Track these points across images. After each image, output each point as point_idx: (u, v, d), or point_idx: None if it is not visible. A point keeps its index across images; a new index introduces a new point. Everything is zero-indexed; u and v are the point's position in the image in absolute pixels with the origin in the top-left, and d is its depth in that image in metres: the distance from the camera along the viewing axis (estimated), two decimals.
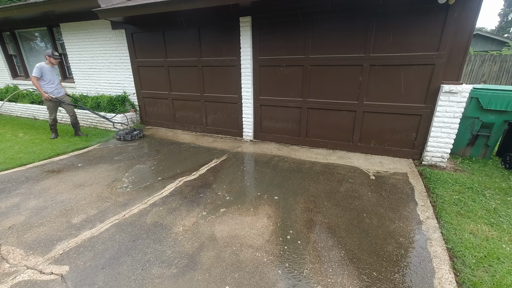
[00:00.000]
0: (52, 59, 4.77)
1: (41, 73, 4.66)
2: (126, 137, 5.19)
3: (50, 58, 4.74)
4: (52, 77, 4.87)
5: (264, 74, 4.66)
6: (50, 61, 4.77)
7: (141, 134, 5.46)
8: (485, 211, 2.69)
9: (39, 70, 4.64)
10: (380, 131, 4.14)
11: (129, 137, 5.20)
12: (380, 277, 1.91)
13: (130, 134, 5.23)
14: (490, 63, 9.81)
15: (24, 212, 2.78)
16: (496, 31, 32.73)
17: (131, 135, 5.23)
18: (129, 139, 5.21)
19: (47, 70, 4.74)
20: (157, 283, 1.86)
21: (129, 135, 5.20)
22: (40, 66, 4.66)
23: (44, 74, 4.69)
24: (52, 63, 4.81)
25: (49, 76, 4.79)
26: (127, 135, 5.19)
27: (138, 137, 5.38)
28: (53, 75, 4.88)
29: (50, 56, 4.73)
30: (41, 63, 4.71)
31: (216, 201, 2.96)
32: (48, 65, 4.77)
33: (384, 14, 3.59)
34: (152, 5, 4.20)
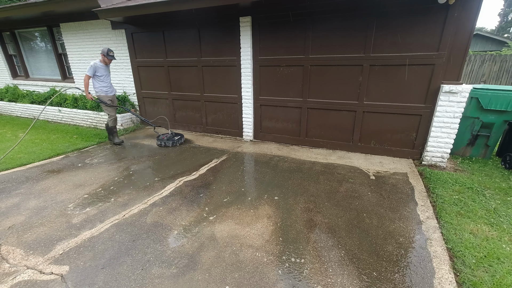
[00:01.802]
0: (106, 59, 4.54)
1: (94, 71, 4.48)
2: (167, 143, 4.78)
3: (105, 58, 4.52)
4: (106, 76, 4.67)
5: (264, 74, 4.66)
6: (104, 60, 4.55)
7: (182, 140, 5.01)
8: (485, 211, 2.69)
9: (92, 68, 4.46)
10: (380, 131, 4.14)
11: (170, 143, 4.79)
12: (380, 277, 1.91)
13: (172, 140, 4.82)
14: (490, 63, 9.81)
15: (24, 212, 2.78)
16: (496, 31, 32.72)
17: (172, 141, 4.81)
18: (170, 146, 4.79)
19: (101, 68, 4.55)
20: (157, 283, 1.86)
21: (170, 141, 4.79)
22: (94, 65, 4.47)
23: (97, 70, 4.51)
24: (105, 62, 4.59)
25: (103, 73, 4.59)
26: (168, 141, 4.78)
27: (179, 143, 4.92)
28: (106, 74, 4.68)
29: (105, 55, 4.49)
30: (95, 61, 4.52)
31: (216, 201, 2.96)
32: (102, 63, 4.56)
33: (384, 14, 3.59)
34: (152, 5, 4.20)
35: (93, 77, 4.53)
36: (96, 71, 4.51)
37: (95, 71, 4.50)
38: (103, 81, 4.61)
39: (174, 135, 5.05)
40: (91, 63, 4.46)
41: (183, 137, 5.07)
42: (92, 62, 4.47)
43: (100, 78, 4.57)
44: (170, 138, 4.88)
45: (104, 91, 4.66)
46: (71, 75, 6.98)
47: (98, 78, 4.56)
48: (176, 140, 4.83)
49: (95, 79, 4.56)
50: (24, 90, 7.69)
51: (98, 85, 4.60)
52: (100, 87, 4.62)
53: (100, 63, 4.54)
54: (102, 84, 4.61)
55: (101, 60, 4.55)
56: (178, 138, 4.93)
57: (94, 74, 4.51)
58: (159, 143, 4.83)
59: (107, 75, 4.69)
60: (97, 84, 4.60)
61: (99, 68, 4.53)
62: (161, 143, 4.81)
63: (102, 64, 4.56)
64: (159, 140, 4.84)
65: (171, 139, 4.84)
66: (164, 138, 4.85)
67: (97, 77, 4.56)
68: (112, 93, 4.82)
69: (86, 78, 4.47)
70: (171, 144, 4.78)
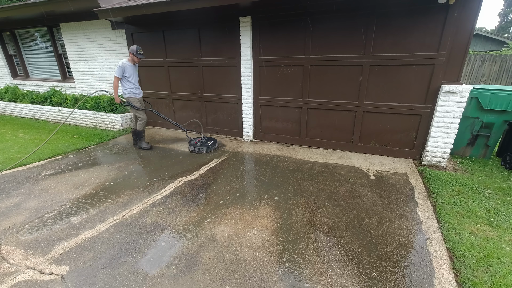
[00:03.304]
0: (135, 58, 4.24)
1: (122, 72, 4.21)
2: (201, 149, 4.44)
3: (133, 56, 4.22)
4: (134, 76, 4.39)
5: (264, 74, 4.66)
6: (133, 59, 4.25)
7: (216, 145, 4.66)
8: (485, 211, 2.69)
9: (120, 69, 4.18)
10: (380, 131, 4.14)
11: (204, 149, 4.45)
12: (380, 277, 1.91)
13: (205, 145, 4.49)
14: (490, 63, 9.81)
15: (24, 212, 2.78)
16: (496, 31, 32.72)
17: (206, 147, 4.47)
18: (204, 152, 4.45)
19: (129, 67, 4.26)
20: (157, 283, 1.86)
21: (204, 147, 4.45)
22: (122, 65, 4.18)
23: (125, 70, 4.23)
24: (134, 61, 4.29)
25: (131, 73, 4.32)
26: (202, 147, 4.45)
27: (213, 149, 4.57)
28: (134, 74, 4.41)
29: (134, 53, 4.18)
30: (123, 61, 4.23)
31: (216, 201, 2.96)
32: (130, 63, 4.29)
33: (384, 14, 3.59)
34: (153, 5, 4.20)
35: (121, 78, 4.28)
36: (125, 71, 4.23)
37: (124, 71, 4.23)
38: (131, 82, 4.34)
39: (207, 139, 4.71)
40: (119, 63, 4.19)
41: (217, 142, 4.74)
42: (120, 62, 4.21)
43: (128, 78, 4.30)
44: (204, 143, 4.55)
45: (133, 92, 4.41)
46: (71, 75, 6.98)
47: (127, 78, 4.30)
48: (210, 146, 4.50)
49: (123, 80, 4.30)
50: (24, 90, 7.69)
51: (127, 86, 4.35)
52: (129, 88, 4.36)
53: (128, 62, 4.26)
54: (130, 85, 4.35)
55: (129, 59, 4.28)
56: (212, 143, 4.60)
57: (122, 75, 4.25)
58: (192, 149, 4.50)
59: (135, 75, 4.42)
60: (126, 85, 4.34)
61: (127, 68, 4.24)
62: (194, 149, 4.47)
63: (131, 63, 4.29)
64: (192, 145, 4.51)
65: (205, 144, 4.52)
66: (197, 143, 4.54)
67: (125, 78, 4.29)
68: (141, 95, 4.59)
69: (115, 80, 4.24)
70: (206, 150, 4.44)
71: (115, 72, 4.21)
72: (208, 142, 4.60)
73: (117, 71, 4.18)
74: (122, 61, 4.22)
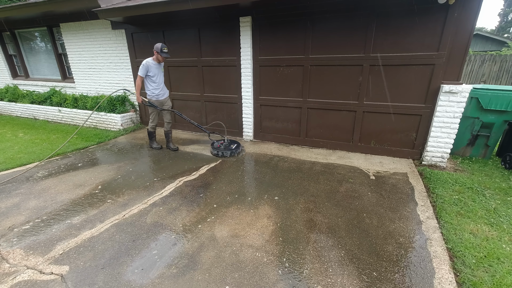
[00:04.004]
0: (159, 56, 4.01)
1: (146, 71, 4.02)
2: (225, 153, 4.22)
3: (158, 55, 3.99)
4: (158, 76, 4.19)
5: (264, 74, 4.66)
6: (157, 57, 4.03)
7: (239, 149, 4.39)
8: (485, 211, 2.69)
9: (144, 68, 3.99)
10: (380, 131, 4.14)
11: (228, 153, 4.23)
12: (380, 277, 1.91)
13: (229, 149, 4.27)
14: (490, 63, 9.81)
15: (24, 212, 2.78)
16: (496, 31, 32.72)
17: (230, 151, 4.24)
18: (228, 155, 4.23)
19: (153, 67, 4.07)
20: (157, 283, 1.86)
21: (228, 150, 4.23)
22: (146, 64, 3.99)
23: (149, 70, 4.03)
24: (159, 60, 4.08)
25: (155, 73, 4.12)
26: (226, 150, 4.23)
27: (237, 153, 4.31)
28: (159, 73, 4.20)
29: (158, 52, 3.95)
30: (147, 60, 4.03)
31: (216, 201, 2.96)
32: (155, 62, 4.08)
33: (384, 14, 3.59)
34: (152, 5, 4.20)
35: (145, 78, 4.09)
36: (149, 70, 4.03)
37: (148, 71, 4.04)
38: (155, 82, 4.15)
39: (230, 142, 4.52)
40: (143, 62, 4.00)
41: (240, 146, 4.49)
42: (144, 61, 4.01)
43: (152, 78, 4.10)
44: (227, 147, 4.35)
45: (155, 94, 4.21)
46: (71, 75, 6.98)
47: (150, 78, 4.10)
48: (233, 150, 4.27)
49: (147, 80, 4.11)
50: (24, 90, 7.69)
51: (150, 87, 4.15)
52: (152, 89, 4.17)
53: (152, 61, 4.06)
54: (154, 85, 4.16)
55: (154, 58, 4.06)
56: (235, 146, 4.38)
57: (146, 75, 4.06)
58: (215, 153, 4.28)
59: (160, 75, 4.21)
60: (149, 85, 4.14)
61: (152, 67, 4.04)
62: (217, 153, 4.25)
63: (155, 62, 4.09)
64: (215, 148, 4.30)
65: (228, 148, 4.31)
66: (220, 146, 4.33)
67: (149, 78, 4.09)
68: (164, 96, 4.36)
69: (139, 79, 4.05)
70: (229, 154, 4.23)
71: (138, 71, 4.04)
72: (231, 146, 4.40)
73: (141, 70, 4.01)
74: (147, 60, 4.04)
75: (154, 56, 4.05)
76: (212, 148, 4.40)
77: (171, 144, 4.64)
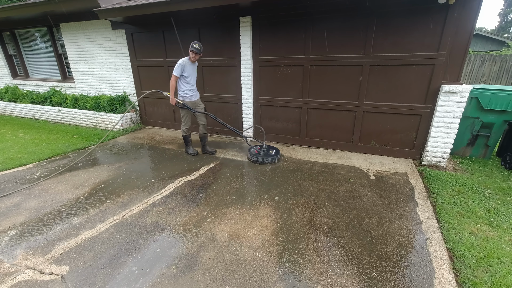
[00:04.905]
0: (191, 53, 3.77)
1: (182, 70, 3.80)
2: (265, 160, 3.94)
3: (191, 52, 3.78)
4: (192, 76, 3.99)
5: (264, 74, 4.66)
6: (191, 55, 3.81)
7: (279, 155, 4.12)
8: (485, 211, 2.69)
9: (180, 67, 3.78)
10: (380, 131, 4.14)
11: (269, 159, 3.95)
12: (380, 277, 1.91)
13: (270, 156, 3.99)
14: (490, 63, 9.81)
15: (24, 212, 2.78)
16: (496, 31, 32.72)
17: (271, 158, 3.96)
18: (269, 162, 3.96)
19: (189, 66, 3.86)
20: (157, 283, 1.86)
21: (268, 157, 3.95)
22: (182, 63, 3.78)
23: (185, 69, 3.83)
24: (193, 58, 3.84)
25: (190, 73, 3.91)
26: (267, 157, 3.95)
27: (277, 159, 4.06)
28: (193, 74, 4.01)
29: (191, 48, 3.76)
30: (183, 59, 3.81)
31: (216, 201, 2.96)
32: (190, 61, 3.87)
33: (384, 14, 3.59)
34: (152, 5, 4.20)
35: (179, 78, 3.88)
36: (184, 70, 3.83)
37: (183, 71, 3.83)
38: (189, 83, 3.94)
39: (268, 148, 4.26)
40: (179, 61, 3.79)
41: (279, 152, 4.21)
42: (180, 60, 3.81)
43: (186, 79, 3.89)
44: (266, 153, 4.08)
45: (189, 95, 4.00)
46: (71, 75, 6.98)
47: (185, 79, 3.89)
48: (274, 156, 4.01)
49: (180, 81, 3.91)
50: (24, 90, 7.69)
51: (184, 88, 3.94)
52: (186, 90, 3.96)
53: (188, 61, 3.86)
54: (188, 86, 3.95)
55: (190, 57, 3.86)
56: (275, 152, 4.13)
57: (181, 75, 3.85)
58: (254, 159, 4.00)
59: (193, 76, 4.01)
60: (183, 86, 3.93)
61: (187, 67, 3.84)
62: (257, 159, 3.97)
63: (190, 62, 3.88)
64: (253, 155, 4.03)
65: (268, 154, 4.04)
66: (258, 152, 4.08)
67: (182, 78, 3.88)
68: (197, 97, 4.17)
69: (173, 79, 3.83)
70: (270, 161, 3.96)
71: (174, 70, 3.81)
72: (270, 151, 4.14)
73: (176, 70, 3.79)
74: (183, 59, 3.82)
75: (190, 55, 3.84)
76: (249, 154, 4.12)
77: (208, 148, 4.40)
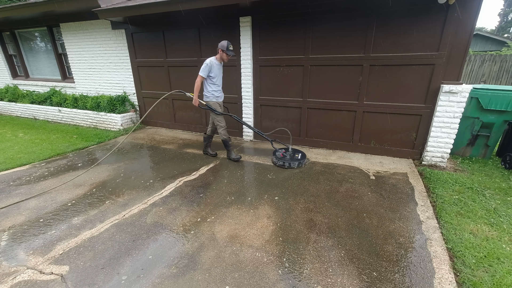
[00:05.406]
0: (224, 55, 3.62)
1: (209, 71, 3.65)
2: (292, 164, 3.77)
3: (223, 53, 3.60)
4: (219, 77, 3.84)
5: (264, 74, 4.66)
6: (222, 56, 3.65)
7: (305, 159, 3.96)
8: (485, 211, 2.69)
9: (207, 68, 3.62)
10: (380, 131, 4.14)
11: (296, 164, 3.79)
12: (380, 277, 1.91)
13: (297, 160, 3.83)
14: (490, 63, 9.81)
15: (24, 212, 2.78)
16: (496, 31, 32.72)
17: (298, 162, 3.80)
18: (296, 167, 3.79)
19: (216, 67, 3.71)
20: (157, 283, 1.86)
21: (295, 161, 3.79)
22: (210, 63, 3.62)
23: (212, 70, 3.67)
24: (223, 59, 3.71)
25: (217, 73, 3.76)
26: (293, 161, 3.79)
27: (304, 164, 3.89)
28: (220, 74, 3.86)
29: (224, 50, 3.55)
30: (211, 59, 3.66)
31: (216, 201, 2.96)
32: (218, 61, 3.73)
33: (384, 14, 3.59)
34: (152, 5, 4.21)
35: (206, 79, 3.73)
36: (211, 70, 3.68)
37: (210, 71, 3.68)
38: (215, 84, 3.79)
39: (294, 152, 4.07)
40: (206, 61, 3.63)
41: (306, 156, 4.03)
42: (208, 60, 3.64)
43: (213, 79, 3.74)
44: (292, 157, 3.92)
45: (215, 96, 3.85)
46: (71, 75, 6.98)
47: (211, 79, 3.74)
48: (301, 160, 3.84)
49: (207, 81, 3.75)
50: (24, 90, 7.69)
51: (210, 89, 3.79)
52: (212, 91, 3.80)
53: (216, 60, 3.70)
54: (214, 87, 3.79)
55: (218, 57, 3.70)
56: (301, 156, 3.96)
57: (207, 75, 3.70)
58: (280, 163, 3.83)
59: (220, 76, 3.87)
60: (209, 87, 3.78)
61: (214, 67, 3.69)
62: (283, 164, 3.79)
63: (218, 62, 3.74)
64: (279, 158, 3.86)
65: (295, 158, 3.88)
66: (284, 156, 3.92)
67: (210, 79, 3.74)
68: (222, 98, 4.01)
69: (199, 79, 3.67)
70: (297, 165, 3.79)
71: (200, 71, 3.64)
72: (296, 155, 3.98)
73: (203, 70, 3.62)
74: (210, 59, 3.67)
75: (218, 55, 3.68)
76: (275, 158, 3.94)
77: (233, 154, 4.10)
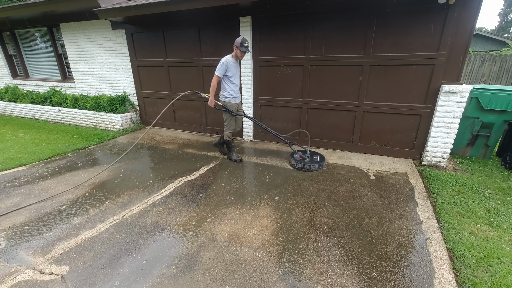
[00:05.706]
0: (238, 52, 3.44)
1: (225, 70, 3.49)
2: (312, 167, 3.65)
3: (237, 50, 3.43)
4: (236, 75, 3.66)
5: (264, 74, 4.66)
6: (236, 53, 3.48)
7: (324, 161, 3.83)
8: (485, 211, 2.69)
9: (223, 66, 3.45)
10: (380, 131, 4.14)
11: (316, 166, 3.66)
12: (380, 277, 1.91)
13: (316, 162, 3.70)
14: (490, 63, 9.81)
15: (24, 212, 2.78)
16: (496, 31, 32.72)
17: (319, 164, 3.67)
18: (316, 169, 3.67)
19: (232, 65, 3.54)
20: (157, 283, 1.86)
21: (315, 164, 3.66)
22: (226, 61, 3.45)
23: (228, 69, 3.51)
24: (237, 56, 3.52)
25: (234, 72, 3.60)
26: (313, 164, 3.66)
27: (323, 166, 3.77)
28: (237, 73, 3.67)
29: (238, 46, 3.39)
30: (227, 57, 3.49)
31: (216, 201, 2.96)
32: (234, 59, 3.56)
33: (384, 14, 3.59)
34: (152, 5, 4.20)
35: (222, 78, 3.57)
36: (228, 69, 3.51)
37: (226, 70, 3.51)
38: (233, 83, 3.63)
39: (312, 154, 3.95)
40: (222, 60, 3.47)
41: (325, 159, 3.88)
42: (223, 58, 3.47)
43: (230, 78, 3.57)
44: (311, 159, 3.80)
45: (233, 96, 3.70)
46: (71, 75, 6.98)
47: (229, 79, 3.56)
48: (320, 163, 3.71)
49: (224, 81, 3.58)
50: (24, 90, 7.69)
51: (228, 89, 3.63)
52: (230, 91, 3.65)
53: (232, 59, 3.52)
54: (232, 87, 3.63)
55: (233, 55, 3.53)
56: (320, 158, 3.84)
57: (224, 75, 3.54)
58: (299, 166, 3.69)
59: (237, 75, 3.67)
60: (227, 86, 3.62)
61: (231, 66, 3.52)
62: (303, 166, 3.67)
63: (234, 60, 3.55)
64: (297, 161, 3.73)
65: (314, 160, 3.75)
66: (304, 158, 3.79)
67: (226, 78, 3.56)
68: (240, 99, 3.87)
69: (215, 79, 3.51)
70: (317, 168, 3.67)
71: (216, 70, 3.49)
72: (315, 157, 3.86)
73: (219, 69, 3.46)
74: (226, 58, 3.49)
75: (233, 52, 3.52)
76: (293, 160, 3.81)
77: (234, 155, 4.07)
